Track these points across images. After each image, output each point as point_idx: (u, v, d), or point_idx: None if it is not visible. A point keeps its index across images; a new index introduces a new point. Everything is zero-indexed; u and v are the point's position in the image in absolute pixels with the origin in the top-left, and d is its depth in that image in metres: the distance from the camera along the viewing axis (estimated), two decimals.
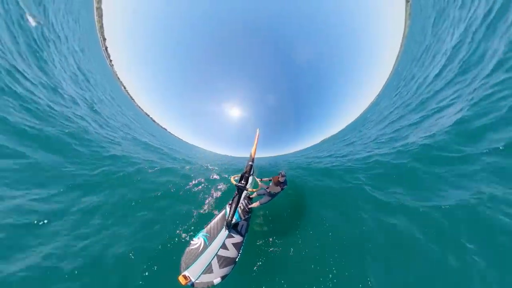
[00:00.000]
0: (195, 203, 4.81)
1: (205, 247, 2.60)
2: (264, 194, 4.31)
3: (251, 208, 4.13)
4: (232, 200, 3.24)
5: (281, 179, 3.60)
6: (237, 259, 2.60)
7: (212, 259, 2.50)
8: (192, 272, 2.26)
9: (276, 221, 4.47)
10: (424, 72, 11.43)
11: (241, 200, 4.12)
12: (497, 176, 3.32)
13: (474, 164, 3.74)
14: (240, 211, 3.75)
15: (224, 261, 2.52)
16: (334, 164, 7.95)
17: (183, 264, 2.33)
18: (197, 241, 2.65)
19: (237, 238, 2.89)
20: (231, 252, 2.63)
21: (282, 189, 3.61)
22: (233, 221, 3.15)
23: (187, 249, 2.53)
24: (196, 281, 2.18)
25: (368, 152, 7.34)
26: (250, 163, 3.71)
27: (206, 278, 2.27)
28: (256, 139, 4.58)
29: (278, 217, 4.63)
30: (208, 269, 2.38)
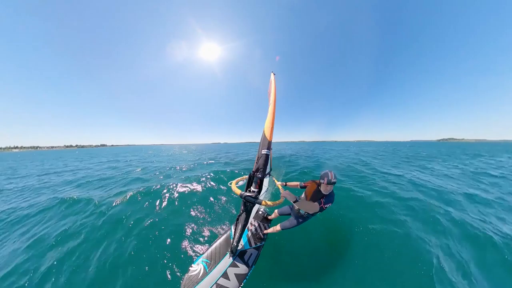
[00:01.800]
0: (191, 220, 3.95)
1: (205, 274, 2.40)
2: (289, 214, 2.95)
3: (266, 234, 3.11)
4: (238, 219, 2.37)
5: (326, 189, 2.18)
6: None
7: (211, 287, 2.31)
8: None
9: (299, 252, 3.09)
10: None
11: (252, 219, 3.45)
12: None
13: None
14: (250, 236, 3.02)
15: None
16: None
17: None
18: (197, 267, 2.43)
19: (242, 269, 2.50)
20: (232, 283, 2.40)
21: (323, 208, 2.10)
22: (240, 247, 2.76)
23: (186, 276, 2.35)
24: None
25: None
26: (264, 151, 2.04)
27: None
28: (273, 92, 2.38)
29: (306, 246, 3.22)
30: None
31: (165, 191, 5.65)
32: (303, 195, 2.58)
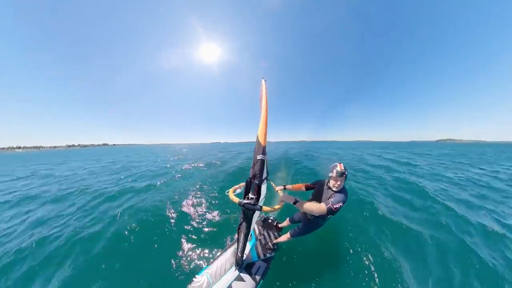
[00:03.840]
0: (195, 230, 3.57)
1: (208, 286, 2.10)
2: (300, 221, 2.76)
3: (276, 243, 2.84)
4: (239, 228, 2.14)
5: (336, 183, 1.94)
6: None
7: None
8: None
9: (312, 260, 2.81)
10: None
11: (260, 228, 3.21)
12: None
13: None
14: (258, 247, 2.77)
15: None
16: None
17: None
18: (200, 278, 2.12)
19: (248, 283, 2.16)
20: None
21: (332, 208, 1.75)
22: (245, 258, 2.45)
23: (189, 286, 2.04)
24: None
25: None
26: (260, 156, 1.99)
27: None
28: (264, 98, 2.19)
29: (319, 253, 2.96)
30: None
31: (168, 200, 5.23)
32: (310, 200, 2.28)
